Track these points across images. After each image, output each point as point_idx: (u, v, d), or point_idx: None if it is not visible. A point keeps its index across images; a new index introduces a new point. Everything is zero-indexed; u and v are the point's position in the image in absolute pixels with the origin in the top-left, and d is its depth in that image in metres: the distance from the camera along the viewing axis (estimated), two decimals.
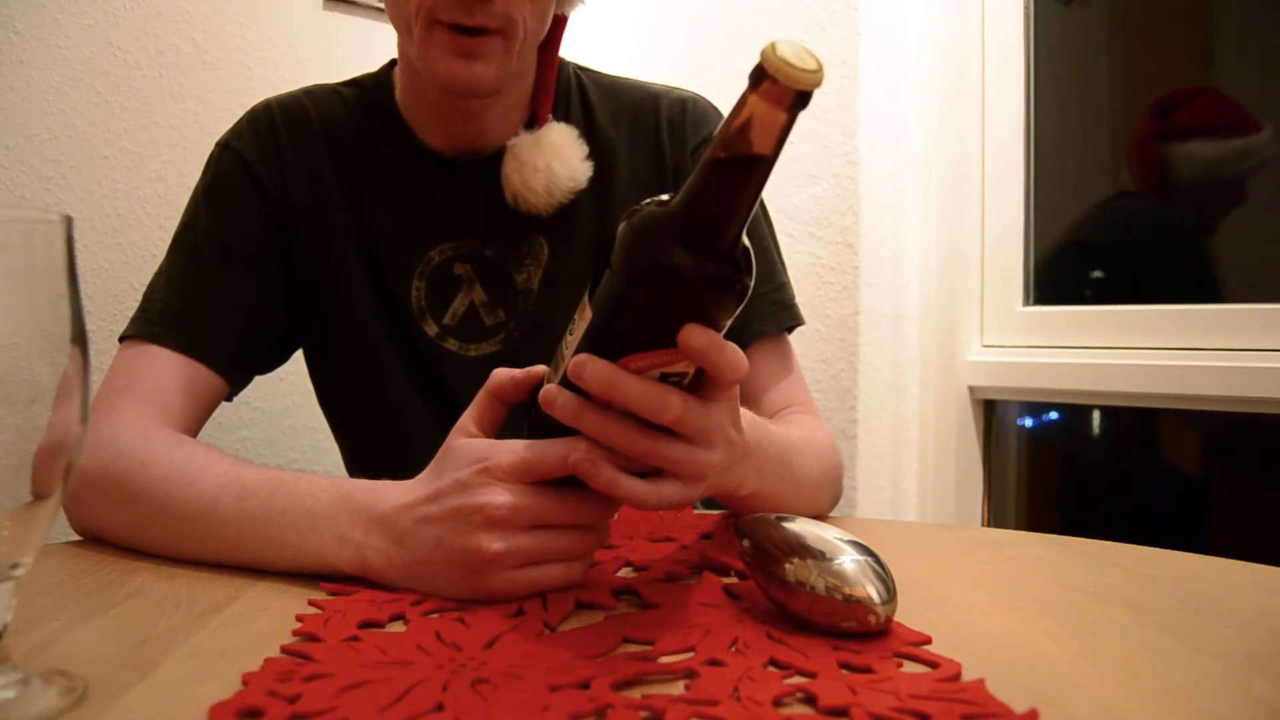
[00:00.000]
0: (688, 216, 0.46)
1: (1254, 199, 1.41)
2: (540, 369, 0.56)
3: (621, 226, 0.48)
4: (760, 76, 0.42)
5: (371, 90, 0.87)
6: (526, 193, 0.81)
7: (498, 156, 0.83)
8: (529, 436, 0.54)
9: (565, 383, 0.51)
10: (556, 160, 0.81)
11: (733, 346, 0.49)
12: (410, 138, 0.84)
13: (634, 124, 0.88)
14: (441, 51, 0.73)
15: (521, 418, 0.58)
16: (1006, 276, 1.55)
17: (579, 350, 0.50)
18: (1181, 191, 1.49)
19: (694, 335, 0.47)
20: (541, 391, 0.52)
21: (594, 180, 0.84)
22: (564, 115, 0.86)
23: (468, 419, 0.57)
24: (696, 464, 0.52)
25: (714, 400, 0.52)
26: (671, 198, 0.48)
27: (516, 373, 0.57)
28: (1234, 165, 1.40)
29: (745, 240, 0.48)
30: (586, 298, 0.50)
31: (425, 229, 0.84)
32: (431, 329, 0.84)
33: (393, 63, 0.88)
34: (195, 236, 0.80)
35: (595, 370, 0.48)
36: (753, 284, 0.49)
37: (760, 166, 0.45)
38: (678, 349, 0.48)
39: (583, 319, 0.50)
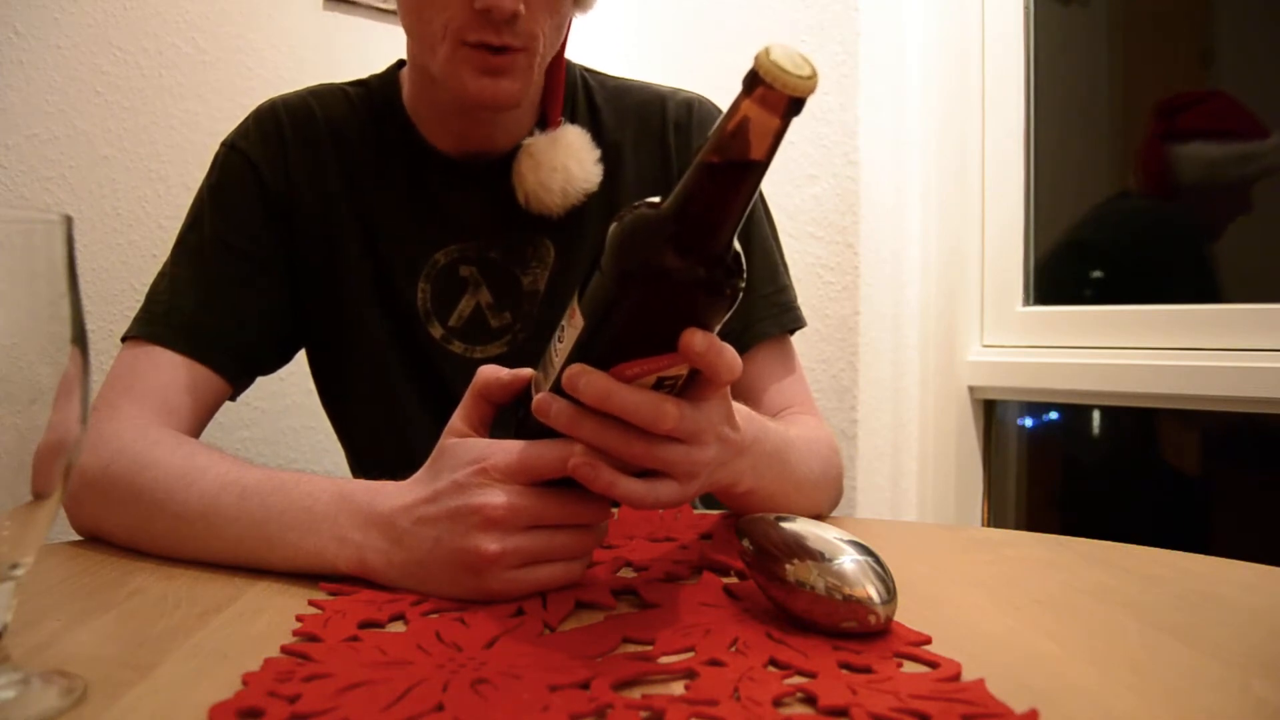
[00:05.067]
0: (679, 220, 0.46)
1: (1256, 201, 1.41)
2: (527, 372, 0.56)
3: (612, 228, 0.48)
4: (754, 82, 0.42)
5: (378, 91, 0.87)
6: (542, 192, 0.81)
7: (505, 159, 0.83)
8: (517, 437, 0.54)
9: (558, 389, 0.51)
10: (573, 161, 0.81)
11: (729, 348, 0.49)
12: (417, 139, 0.84)
13: (640, 126, 0.88)
14: (470, 70, 0.73)
15: (510, 415, 0.58)
16: (1006, 276, 1.55)
17: (571, 357, 0.50)
18: (1186, 194, 1.49)
19: (694, 340, 0.47)
20: (535, 401, 0.52)
21: (601, 182, 0.84)
22: (570, 117, 0.86)
23: (458, 419, 0.57)
24: (690, 463, 0.52)
25: (705, 399, 0.52)
26: (663, 200, 0.47)
27: (503, 374, 0.57)
28: (1238, 169, 1.40)
29: (736, 244, 0.48)
30: (575, 301, 0.50)
31: (431, 231, 0.84)
32: (436, 331, 0.84)
33: (399, 63, 0.88)
34: (199, 237, 0.80)
35: (590, 383, 0.48)
36: (744, 287, 0.49)
37: (753, 171, 0.45)
38: (672, 354, 0.48)
39: (572, 324, 0.50)
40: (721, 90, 0.93)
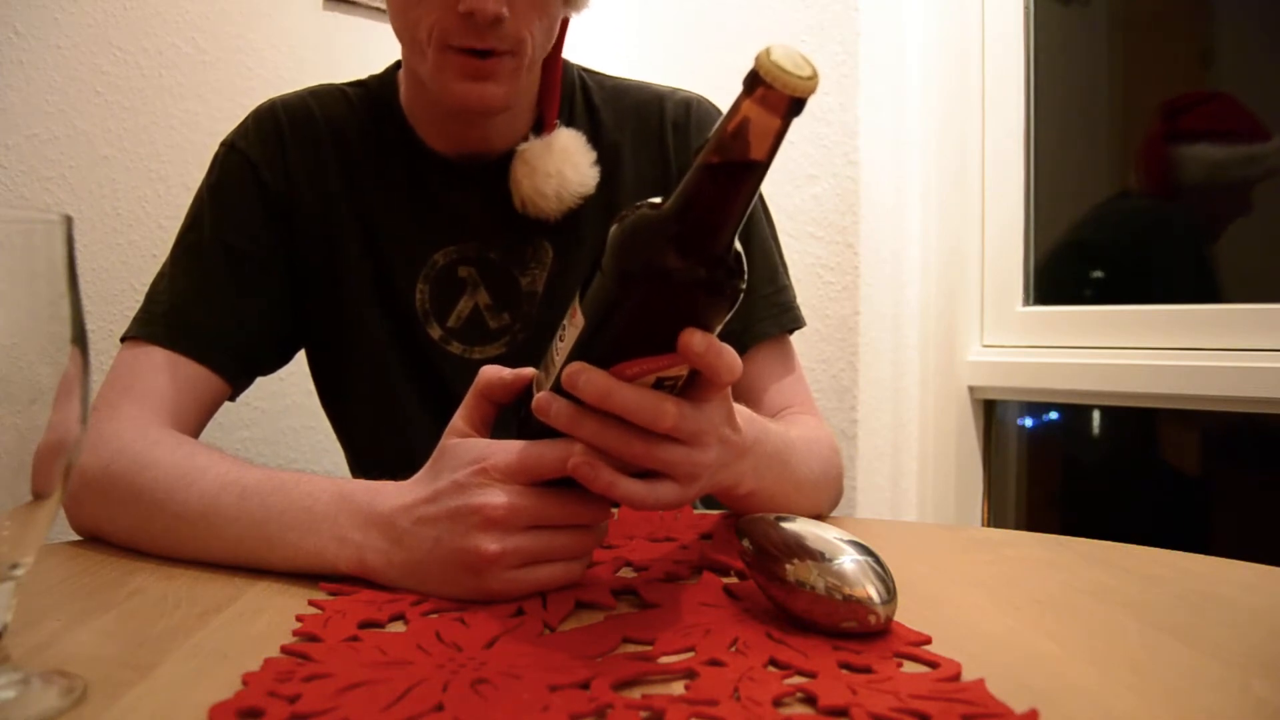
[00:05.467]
0: (680, 220, 0.46)
1: (1256, 202, 1.41)
2: (529, 371, 0.57)
3: (613, 229, 0.48)
4: (755, 82, 0.42)
5: (376, 91, 0.87)
6: (537, 198, 0.81)
7: (503, 160, 0.83)
8: (519, 436, 0.54)
9: (558, 388, 0.51)
10: (568, 166, 0.81)
11: (729, 349, 0.49)
12: (415, 140, 0.84)
13: (639, 126, 0.88)
14: (455, 74, 0.73)
15: (512, 415, 0.58)
16: (1006, 276, 1.55)
17: (571, 356, 0.50)
18: (1187, 194, 1.49)
19: (694, 340, 0.47)
20: (535, 399, 0.52)
21: (599, 183, 0.84)
22: (569, 118, 0.86)
23: (459, 419, 0.57)
24: (691, 464, 0.52)
25: (706, 400, 0.52)
26: (664, 201, 0.47)
27: (505, 374, 0.57)
28: (1240, 170, 1.40)
29: (737, 244, 0.48)
30: (577, 301, 0.50)
31: (429, 232, 0.84)
32: (435, 332, 0.84)
33: (398, 64, 0.88)
34: (199, 237, 0.80)
35: (590, 380, 0.48)
36: (745, 287, 0.49)
37: (753, 172, 0.45)
38: (672, 353, 0.48)
39: (573, 323, 0.50)
40: (722, 90, 0.93)
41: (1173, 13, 1.61)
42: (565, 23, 0.83)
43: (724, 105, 0.45)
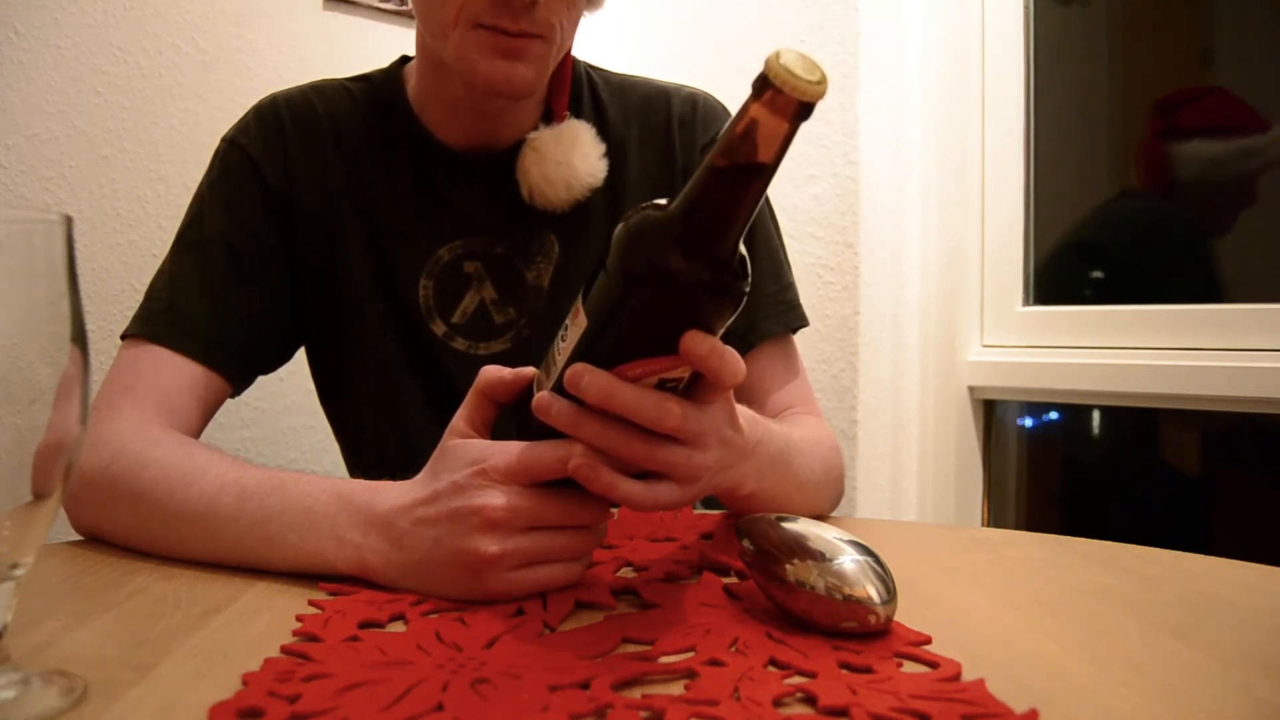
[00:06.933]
0: (686, 222, 0.46)
1: (1256, 198, 1.41)
2: (530, 371, 0.56)
3: (618, 229, 0.48)
4: (763, 86, 0.42)
5: (381, 86, 0.86)
6: (545, 187, 0.81)
7: (510, 153, 0.83)
8: (518, 437, 0.54)
9: (559, 389, 0.51)
10: (577, 155, 0.81)
11: (732, 352, 0.49)
12: (421, 134, 0.84)
13: (645, 122, 0.88)
14: (485, 52, 0.72)
15: (511, 415, 0.58)
16: (1006, 276, 1.55)
17: (574, 355, 0.50)
18: (1187, 191, 1.49)
19: (696, 343, 0.47)
20: (535, 399, 0.52)
21: (605, 178, 0.84)
22: (575, 113, 0.86)
23: (460, 419, 0.57)
24: (691, 466, 0.52)
25: (709, 402, 0.52)
26: (670, 201, 0.47)
27: (506, 374, 0.57)
28: (1239, 164, 1.40)
29: (742, 248, 0.48)
30: (580, 301, 0.50)
31: (434, 226, 0.83)
32: (439, 328, 0.84)
33: (403, 59, 0.88)
34: (199, 234, 0.80)
35: (593, 381, 0.48)
36: (749, 289, 0.49)
37: (761, 175, 0.45)
38: (675, 355, 0.48)
39: (576, 323, 0.50)
40: (722, 90, 0.94)
41: (1173, 13, 1.61)
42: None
43: (728, 103, 0.45)
